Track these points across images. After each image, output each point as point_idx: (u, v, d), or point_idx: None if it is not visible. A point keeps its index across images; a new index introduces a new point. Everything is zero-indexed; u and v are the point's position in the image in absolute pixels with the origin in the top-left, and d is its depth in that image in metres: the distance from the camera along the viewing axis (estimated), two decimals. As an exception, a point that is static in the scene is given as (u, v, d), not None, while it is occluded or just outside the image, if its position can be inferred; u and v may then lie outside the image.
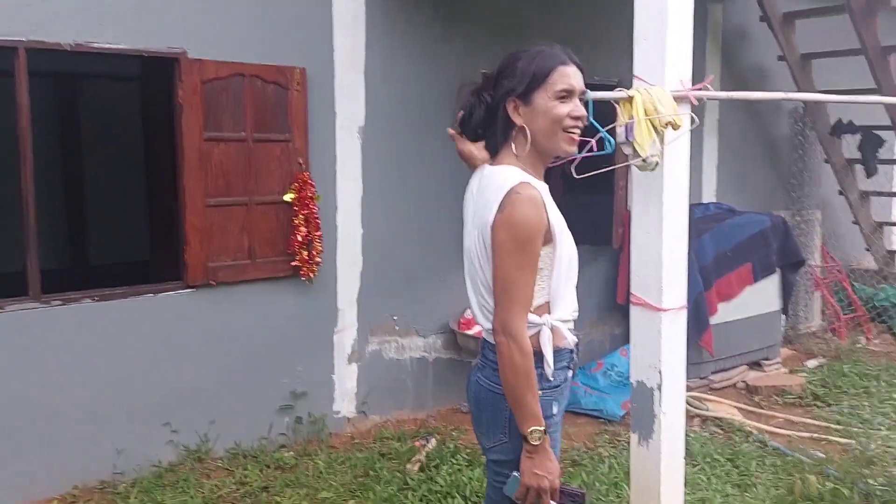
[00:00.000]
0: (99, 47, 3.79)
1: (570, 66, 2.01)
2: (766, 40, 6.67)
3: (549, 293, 2.01)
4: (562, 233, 2.00)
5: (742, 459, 4.36)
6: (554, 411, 2.05)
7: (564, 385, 2.10)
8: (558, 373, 2.05)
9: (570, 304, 2.07)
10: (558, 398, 2.07)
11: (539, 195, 1.94)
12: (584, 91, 2.04)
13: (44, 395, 3.80)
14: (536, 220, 1.90)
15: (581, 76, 2.03)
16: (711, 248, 5.62)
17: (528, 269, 1.91)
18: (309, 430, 4.64)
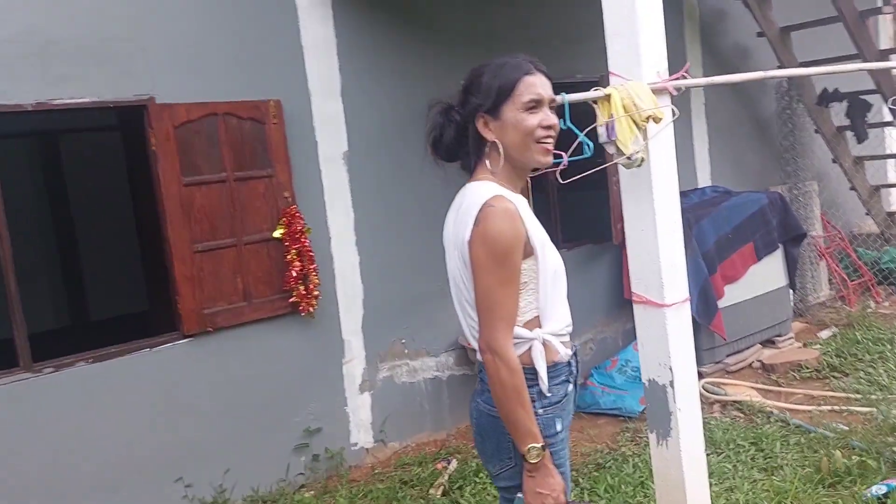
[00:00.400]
0: (62, 103, 3.74)
1: (536, 76, 1.96)
2: (743, 18, 6.63)
3: (538, 307, 1.96)
4: (543, 245, 1.95)
5: (766, 442, 4.29)
6: (557, 428, 1.99)
7: (566, 400, 2.04)
8: (556, 388, 2.00)
9: (561, 317, 2.02)
10: (560, 414, 2.01)
11: (514, 208, 1.89)
12: (554, 99, 1.99)
13: (46, 468, 3.70)
14: (512, 232, 1.85)
15: (549, 84, 1.99)
16: (711, 232, 5.56)
17: (508, 283, 1.87)
18: (327, 465, 4.56)
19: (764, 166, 7.16)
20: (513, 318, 1.89)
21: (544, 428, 1.94)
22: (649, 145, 2.77)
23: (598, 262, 5.71)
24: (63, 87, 3.77)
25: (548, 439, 1.94)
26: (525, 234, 1.90)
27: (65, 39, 3.76)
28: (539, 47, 5.42)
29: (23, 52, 3.66)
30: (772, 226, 5.90)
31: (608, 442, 4.65)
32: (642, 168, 2.82)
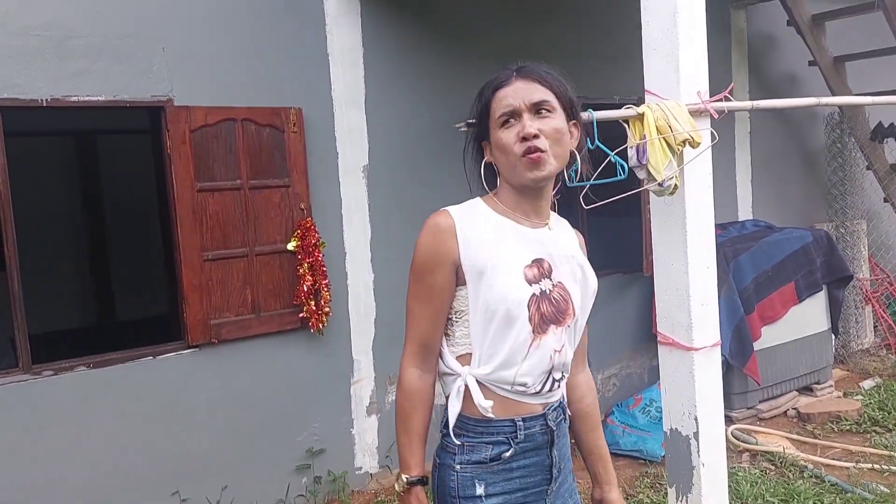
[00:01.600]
0: (77, 101, 3.62)
1: (510, 85, 1.71)
2: (795, 45, 6.34)
3: (471, 343, 1.73)
4: (482, 275, 1.68)
5: (797, 500, 3.98)
6: (478, 492, 1.71)
7: (500, 466, 1.72)
8: (479, 445, 1.72)
9: (499, 365, 1.70)
10: (486, 478, 1.72)
11: (446, 222, 1.70)
12: (543, 101, 1.69)
13: (40, 471, 3.58)
14: (429, 248, 1.70)
15: (530, 86, 1.71)
16: (750, 269, 5.27)
17: (422, 300, 1.73)
18: (329, 489, 4.37)
19: (810, 202, 6.84)
20: (424, 339, 1.74)
21: (460, 486, 1.72)
22: (684, 171, 2.53)
23: (626, 293, 5.44)
24: (79, 84, 3.65)
25: (463, 501, 1.72)
26: (454, 256, 1.69)
27: (84, 34, 3.66)
28: (575, 66, 5.13)
29: (40, 46, 3.56)
30: (815, 265, 5.58)
31: (625, 486, 4.36)
32: (675, 196, 2.59)
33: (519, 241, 1.74)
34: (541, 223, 1.78)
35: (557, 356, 1.75)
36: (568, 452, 1.86)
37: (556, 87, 1.72)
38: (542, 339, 1.71)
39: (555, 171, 1.71)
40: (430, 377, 1.78)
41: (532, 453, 1.75)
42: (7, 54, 3.48)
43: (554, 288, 1.74)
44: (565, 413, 1.85)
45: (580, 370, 1.97)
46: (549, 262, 1.75)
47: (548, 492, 1.79)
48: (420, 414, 1.76)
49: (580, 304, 1.79)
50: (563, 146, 1.71)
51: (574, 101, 1.77)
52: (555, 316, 1.72)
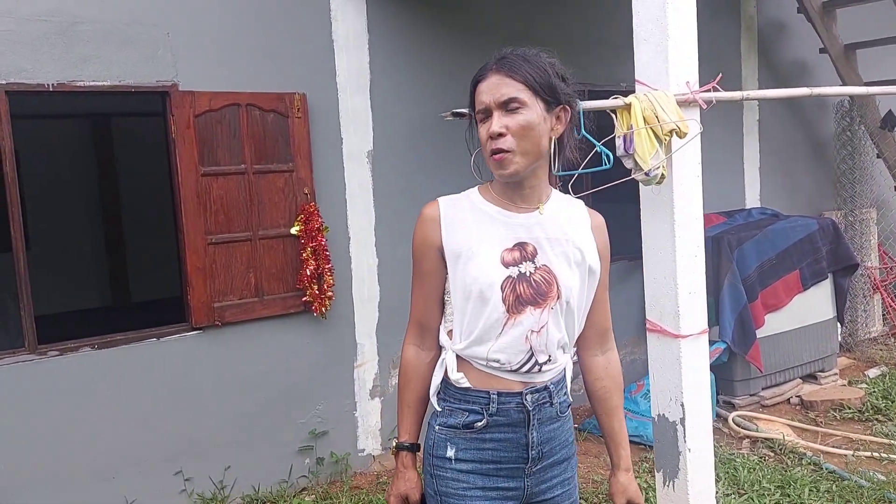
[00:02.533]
0: (83, 86, 3.69)
1: (486, 79, 1.76)
2: (805, 32, 6.30)
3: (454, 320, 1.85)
4: (459, 258, 1.79)
5: (794, 486, 4.00)
6: (447, 454, 1.83)
7: (469, 432, 1.81)
8: (454, 411, 1.83)
9: (474, 341, 1.79)
10: (457, 442, 1.82)
11: (431, 212, 1.83)
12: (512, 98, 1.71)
13: (45, 449, 3.67)
14: (419, 236, 1.85)
15: (502, 81, 1.73)
16: (754, 256, 5.26)
17: (417, 284, 1.89)
18: (331, 470, 4.44)
19: (819, 190, 6.80)
20: (420, 318, 1.89)
21: (433, 445, 1.86)
22: (672, 161, 2.56)
23: (630, 280, 5.47)
24: (85, 69, 3.72)
25: (434, 460, 1.86)
26: (438, 242, 1.82)
27: (90, 20, 3.72)
28: (581, 53, 5.21)
29: (47, 31, 3.62)
30: (821, 254, 5.56)
31: (624, 471, 4.41)
32: (663, 185, 2.61)
33: (501, 225, 1.80)
34: (529, 208, 1.82)
35: (535, 336, 1.79)
36: (562, 439, 1.88)
37: (532, 78, 1.73)
38: (517, 318, 1.77)
39: (525, 166, 1.75)
40: (428, 354, 1.91)
41: (507, 429, 1.81)
42: (15, 39, 3.55)
43: (536, 270, 1.79)
44: (552, 399, 1.85)
45: (596, 352, 1.98)
46: (533, 245, 1.80)
47: (525, 470, 1.84)
48: (414, 387, 1.89)
49: (574, 285, 1.82)
50: (534, 140, 1.74)
51: (557, 87, 1.76)
52: (533, 297, 1.78)
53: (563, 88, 1.79)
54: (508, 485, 1.84)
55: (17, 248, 3.60)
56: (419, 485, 1.90)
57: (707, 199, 2.88)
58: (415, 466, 1.91)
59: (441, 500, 1.84)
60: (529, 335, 1.79)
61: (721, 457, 4.42)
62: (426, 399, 1.91)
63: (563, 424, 1.89)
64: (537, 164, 1.78)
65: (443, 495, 1.83)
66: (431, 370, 1.90)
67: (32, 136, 7.33)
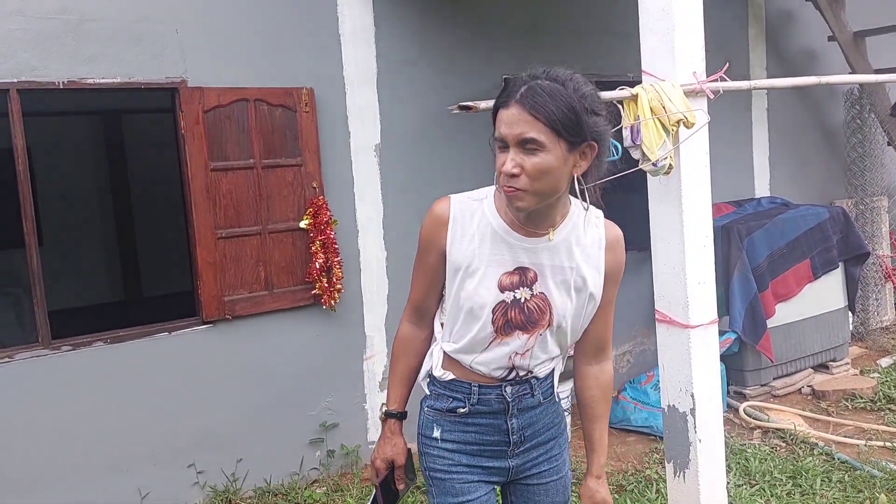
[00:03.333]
0: (93, 83, 3.71)
1: (507, 108, 1.64)
2: (813, 20, 6.26)
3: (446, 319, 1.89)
4: (458, 272, 1.80)
5: (805, 477, 4.00)
6: (434, 434, 1.93)
7: (453, 416, 1.90)
8: (441, 397, 1.92)
9: (458, 347, 1.85)
10: (443, 424, 1.92)
11: (442, 212, 1.82)
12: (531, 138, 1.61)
13: (59, 443, 3.71)
14: (426, 229, 1.86)
15: (523, 118, 1.62)
16: (764, 246, 5.25)
17: (419, 271, 1.92)
18: (342, 462, 4.47)
19: (829, 178, 6.76)
20: (418, 303, 1.94)
21: (422, 426, 1.96)
22: (680, 151, 2.55)
23: (640, 271, 5.45)
24: (95, 66, 3.74)
25: (423, 439, 1.96)
26: (442, 246, 1.83)
27: (99, 18, 3.73)
28: (589, 43, 5.19)
29: (57, 30, 3.64)
30: (832, 243, 5.54)
31: (634, 462, 4.42)
32: (671, 176, 2.61)
33: (506, 247, 1.78)
34: (539, 233, 1.78)
35: (519, 358, 1.84)
36: (546, 421, 1.95)
37: (556, 119, 1.61)
38: (504, 339, 1.82)
39: (536, 203, 1.68)
40: (422, 332, 1.97)
41: (489, 416, 1.89)
42: (26, 38, 3.57)
43: (532, 297, 1.79)
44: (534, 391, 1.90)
45: (591, 362, 1.99)
46: (535, 271, 1.79)
47: (508, 452, 1.93)
48: (405, 359, 1.99)
49: (568, 313, 1.82)
50: (551, 182, 1.66)
51: (584, 125, 1.64)
52: (523, 324, 1.80)
53: (592, 124, 1.67)
54: (492, 464, 1.93)
55: (31, 244, 3.63)
56: (404, 450, 2.00)
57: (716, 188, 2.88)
58: (401, 433, 2.00)
59: (430, 476, 1.95)
60: (513, 356, 1.84)
61: (732, 447, 4.42)
62: (416, 372, 2.00)
63: (547, 408, 1.95)
64: (553, 198, 1.72)
65: (430, 471, 1.94)
66: (425, 345, 1.98)
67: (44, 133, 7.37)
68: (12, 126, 3.53)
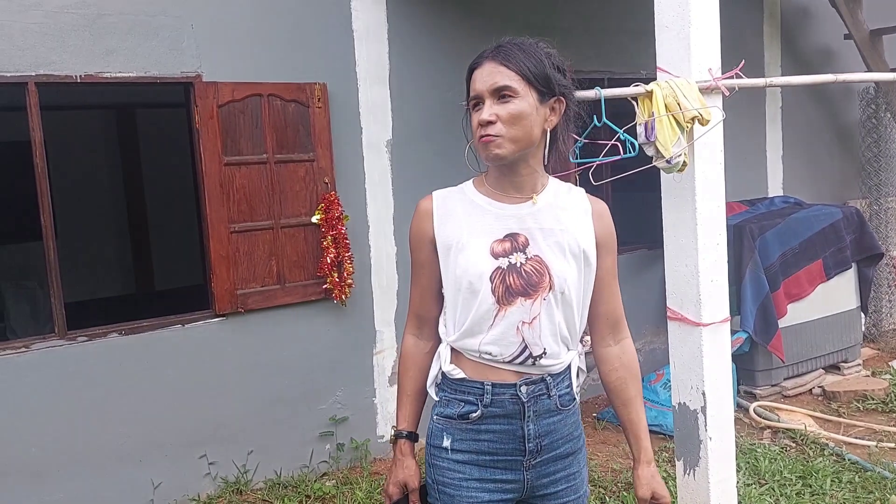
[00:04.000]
0: (110, 77, 3.74)
1: (480, 67, 1.75)
2: (830, 18, 6.22)
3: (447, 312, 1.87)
4: (449, 250, 1.80)
5: (815, 477, 3.98)
6: (443, 444, 1.83)
7: (465, 422, 1.80)
8: (450, 401, 1.83)
9: (464, 331, 1.79)
10: (453, 433, 1.82)
11: (425, 205, 1.86)
12: (506, 86, 1.71)
13: (74, 433, 3.75)
14: (414, 229, 1.88)
15: (496, 69, 1.73)
16: (776, 245, 5.23)
17: (414, 275, 1.92)
18: (351, 456, 4.49)
19: (843, 178, 6.73)
20: (417, 309, 1.92)
21: (431, 435, 1.87)
22: (694, 148, 2.55)
23: (651, 269, 5.45)
24: (111, 61, 3.76)
25: (432, 449, 1.87)
26: (430, 235, 1.84)
27: (115, 12, 3.76)
28: (601, 41, 5.19)
29: (74, 24, 3.67)
30: (845, 243, 5.51)
31: (644, 460, 4.41)
32: (685, 173, 2.61)
33: (492, 217, 1.80)
34: (522, 198, 1.80)
35: (527, 328, 1.76)
36: (565, 432, 1.85)
37: (526, 67, 1.72)
38: (507, 310, 1.76)
39: (512, 151, 1.73)
40: (426, 344, 1.92)
41: (502, 420, 1.79)
42: (43, 32, 3.60)
43: (527, 261, 1.77)
44: (550, 391, 1.81)
45: (609, 342, 1.94)
46: (525, 235, 1.78)
47: (523, 463, 1.82)
48: (411, 376, 1.92)
49: (568, 276, 1.78)
50: (525, 128, 1.73)
51: (552, 78, 1.75)
52: (523, 288, 1.76)
53: (560, 80, 1.77)
54: (506, 477, 1.82)
55: (48, 237, 3.66)
56: (418, 473, 1.90)
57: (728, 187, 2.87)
58: (413, 454, 1.91)
59: (438, 490, 1.84)
60: (521, 326, 1.77)
61: (742, 447, 4.41)
62: (425, 388, 1.92)
63: (566, 418, 1.85)
64: (527, 151, 1.76)
65: (440, 484, 1.84)
66: (430, 360, 1.91)
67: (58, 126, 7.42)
68: (30, 119, 3.56)
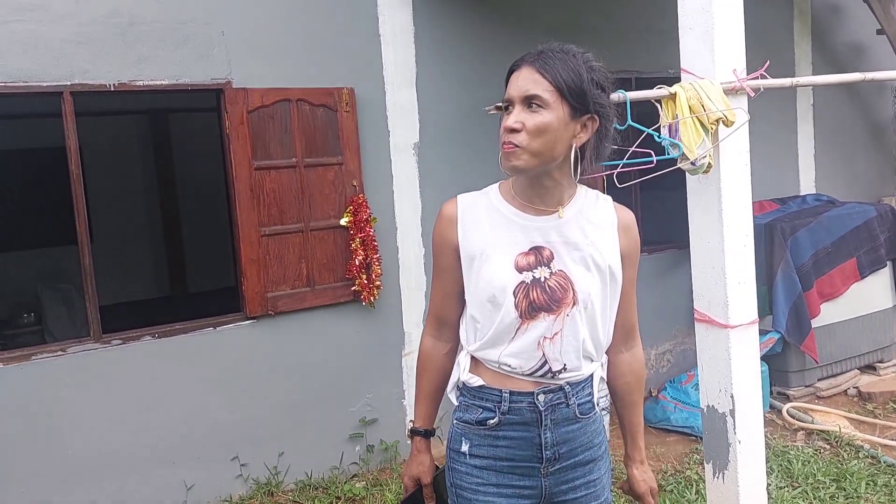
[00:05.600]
0: (143, 85, 3.82)
1: (520, 70, 1.71)
2: (861, 14, 6.13)
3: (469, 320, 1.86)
4: (473, 261, 1.78)
5: (850, 480, 3.93)
6: (462, 448, 1.83)
7: (483, 428, 1.80)
8: (470, 407, 1.82)
9: (484, 342, 1.78)
10: (471, 438, 1.82)
11: (449, 211, 1.83)
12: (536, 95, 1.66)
13: (108, 435, 3.82)
14: (437, 233, 1.86)
15: (532, 77, 1.68)
16: (809, 244, 5.16)
17: (436, 277, 1.90)
18: (381, 457, 4.52)
19: (877, 175, 6.62)
20: (437, 311, 1.91)
21: (451, 439, 1.87)
22: (719, 150, 2.54)
23: (680, 269, 5.40)
24: (143, 69, 3.84)
25: (451, 453, 1.87)
26: (454, 242, 1.81)
27: (147, 21, 3.84)
28: (627, 41, 5.17)
29: (107, 34, 3.75)
30: (879, 241, 5.43)
31: (674, 462, 4.39)
32: (711, 175, 2.60)
33: (518, 228, 1.77)
34: (548, 210, 1.77)
35: (548, 343, 1.75)
36: (584, 440, 1.84)
37: (562, 80, 1.66)
38: (529, 324, 1.74)
39: (532, 165, 1.69)
40: (445, 346, 1.92)
41: (520, 427, 1.79)
42: (78, 42, 3.68)
43: (552, 276, 1.75)
44: (568, 400, 1.80)
45: (621, 349, 1.94)
46: (550, 249, 1.76)
47: (541, 470, 1.81)
48: (429, 376, 1.93)
49: (592, 290, 1.77)
50: (549, 142, 1.68)
51: (588, 95, 1.68)
52: (547, 304, 1.74)
53: (597, 97, 1.71)
54: (523, 483, 1.81)
55: (83, 242, 3.74)
56: (431, 468, 1.95)
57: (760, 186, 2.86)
58: (428, 450, 1.96)
59: (456, 493, 1.85)
60: (542, 341, 1.75)
61: (775, 449, 4.37)
62: (442, 388, 1.94)
63: (586, 426, 1.84)
64: (551, 166, 1.72)
65: (457, 488, 1.84)
66: (448, 360, 1.92)
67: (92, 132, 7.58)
68: (66, 127, 3.65)
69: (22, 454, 3.64)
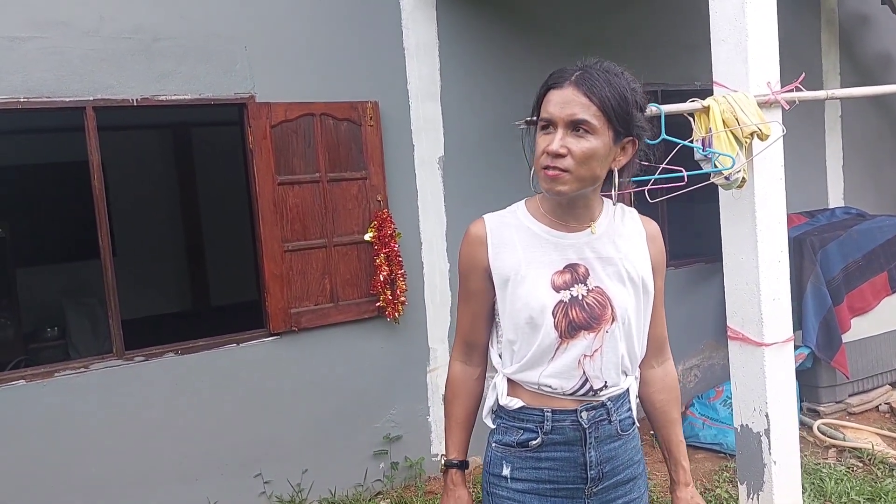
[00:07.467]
0: (165, 100, 3.82)
1: (561, 89, 1.62)
2: (890, 24, 6.05)
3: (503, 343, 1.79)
4: (507, 283, 1.73)
5: (885, 500, 3.83)
6: (503, 472, 1.77)
7: (525, 450, 1.75)
8: (509, 429, 1.78)
9: (523, 364, 1.74)
10: (513, 461, 1.76)
11: (478, 231, 1.77)
12: (584, 120, 1.60)
13: (132, 452, 3.80)
14: (465, 255, 1.80)
15: (578, 99, 1.60)
16: (839, 258, 5.07)
17: (464, 300, 1.84)
18: (406, 475, 4.47)
19: (908, 188, 6.51)
20: (466, 335, 1.86)
21: (490, 463, 1.81)
22: (753, 164, 2.48)
23: (709, 283, 5.32)
24: (167, 84, 3.84)
25: (491, 477, 1.81)
26: (485, 264, 1.76)
27: (170, 37, 3.84)
28: (653, 54, 5.11)
29: (130, 49, 3.76)
30: (911, 255, 5.32)
31: (703, 480, 4.30)
32: (744, 189, 2.54)
33: (551, 247, 1.73)
34: (581, 227, 1.74)
35: (589, 362, 1.72)
36: (625, 458, 1.81)
37: (610, 105, 1.61)
38: (570, 343, 1.70)
39: (575, 189, 1.65)
40: (475, 370, 1.88)
41: (563, 447, 1.75)
42: (101, 57, 3.69)
43: (589, 293, 1.71)
44: (611, 416, 1.77)
45: (652, 364, 1.91)
46: (585, 266, 1.72)
47: (585, 491, 1.77)
48: (460, 402, 1.87)
49: (629, 305, 1.74)
50: (593, 168, 1.64)
51: (632, 119, 1.65)
52: (586, 322, 1.70)
53: (639, 120, 1.68)
54: None
55: (105, 258, 3.74)
56: (470, 502, 1.85)
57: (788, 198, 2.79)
58: (465, 484, 1.87)
59: None
60: (582, 360, 1.72)
61: (806, 467, 4.26)
62: (474, 414, 1.88)
63: (626, 443, 1.80)
64: (590, 188, 1.69)
65: None
66: (478, 385, 1.88)
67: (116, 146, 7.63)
68: (88, 143, 3.66)
69: (44, 472, 3.62)
